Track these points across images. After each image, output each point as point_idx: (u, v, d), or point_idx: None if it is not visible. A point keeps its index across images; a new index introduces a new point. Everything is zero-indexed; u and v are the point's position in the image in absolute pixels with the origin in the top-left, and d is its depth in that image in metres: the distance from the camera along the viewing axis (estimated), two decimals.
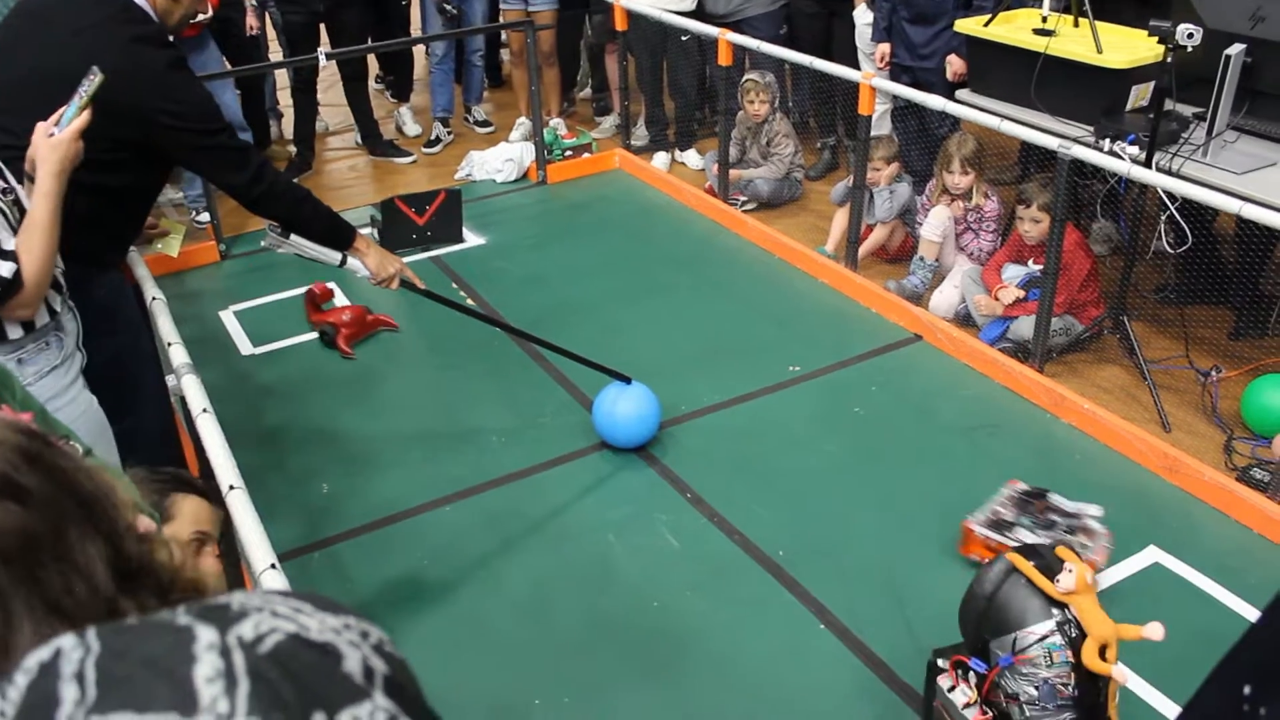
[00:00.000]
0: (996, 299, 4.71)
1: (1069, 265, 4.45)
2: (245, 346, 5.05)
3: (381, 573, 3.63)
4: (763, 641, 3.30)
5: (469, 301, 5.30)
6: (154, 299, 3.25)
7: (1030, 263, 4.70)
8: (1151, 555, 3.58)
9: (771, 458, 4.11)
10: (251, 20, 6.44)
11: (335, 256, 3.43)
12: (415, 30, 7.62)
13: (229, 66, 6.19)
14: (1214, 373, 4.37)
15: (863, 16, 6.00)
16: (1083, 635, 2.55)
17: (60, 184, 2.47)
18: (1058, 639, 2.53)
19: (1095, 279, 4.67)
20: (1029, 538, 3.39)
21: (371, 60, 7.95)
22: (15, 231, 2.46)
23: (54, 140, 2.47)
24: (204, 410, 2.61)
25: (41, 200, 2.45)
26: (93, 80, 2.51)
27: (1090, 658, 2.51)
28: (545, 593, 3.53)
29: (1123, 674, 2.52)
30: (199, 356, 3.17)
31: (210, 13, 5.68)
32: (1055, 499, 3.60)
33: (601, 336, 4.99)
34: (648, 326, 5.09)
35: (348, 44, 6.48)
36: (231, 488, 2.27)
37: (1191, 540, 3.64)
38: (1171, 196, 3.98)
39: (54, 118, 2.50)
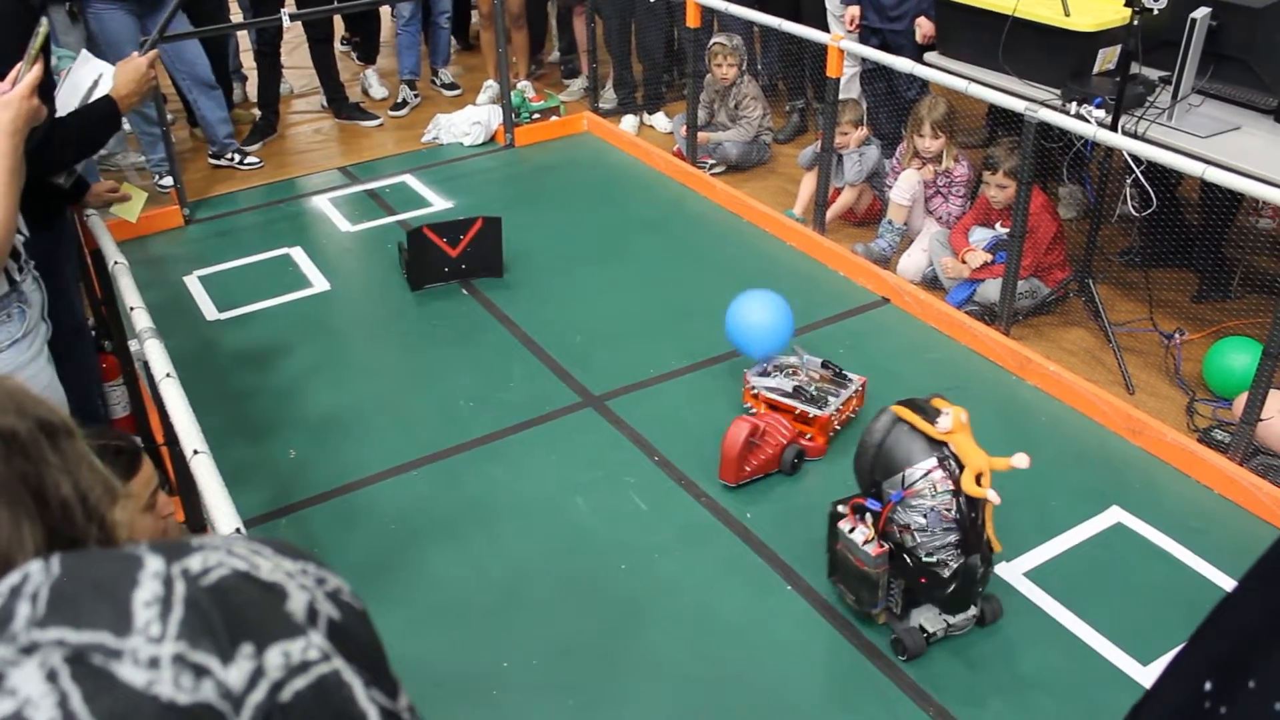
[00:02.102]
0: (964, 262, 4.73)
1: (1035, 228, 4.47)
2: (210, 312, 5.01)
3: (349, 538, 3.62)
4: (730, 603, 3.32)
5: None
6: (116, 264, 3.21)
7: (997, 226, 4.71)
8: (1114, 515, 3.62)
9: None
10: None
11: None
12: None
13: (191, 26, 6.08)
14: (1177, 335, 4.41)
15: None
16: (961, 467, 2.92)
17: (15, 143, 2.35)
18: (940, 472, 2.91)
19: (1061, 242, 4.69)
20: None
21: (338, 22, 7.85)
22: None
23: (4, 99, 2.35)
24: (167, 375, 2.58)
25: None
26: (38, 33, 2.43)
27: (968, 484, 2.89)
28: (513, 556, 3.53)
29: (995, 496, 2.89)
30: (163, 322, 3.14)
31: None
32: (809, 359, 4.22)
33: (569, 299, 4.98)
34: (616, 289, 5.08)
35: (313, 5, 6.39)
36: (196, 452, 2.26)
37: (1154, 501, 3.69)
38: (1137, 160, 4.00)
39: (10, 76, 2.43)
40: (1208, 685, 0.83)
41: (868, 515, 3.06)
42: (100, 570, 0.63)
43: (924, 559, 2.95)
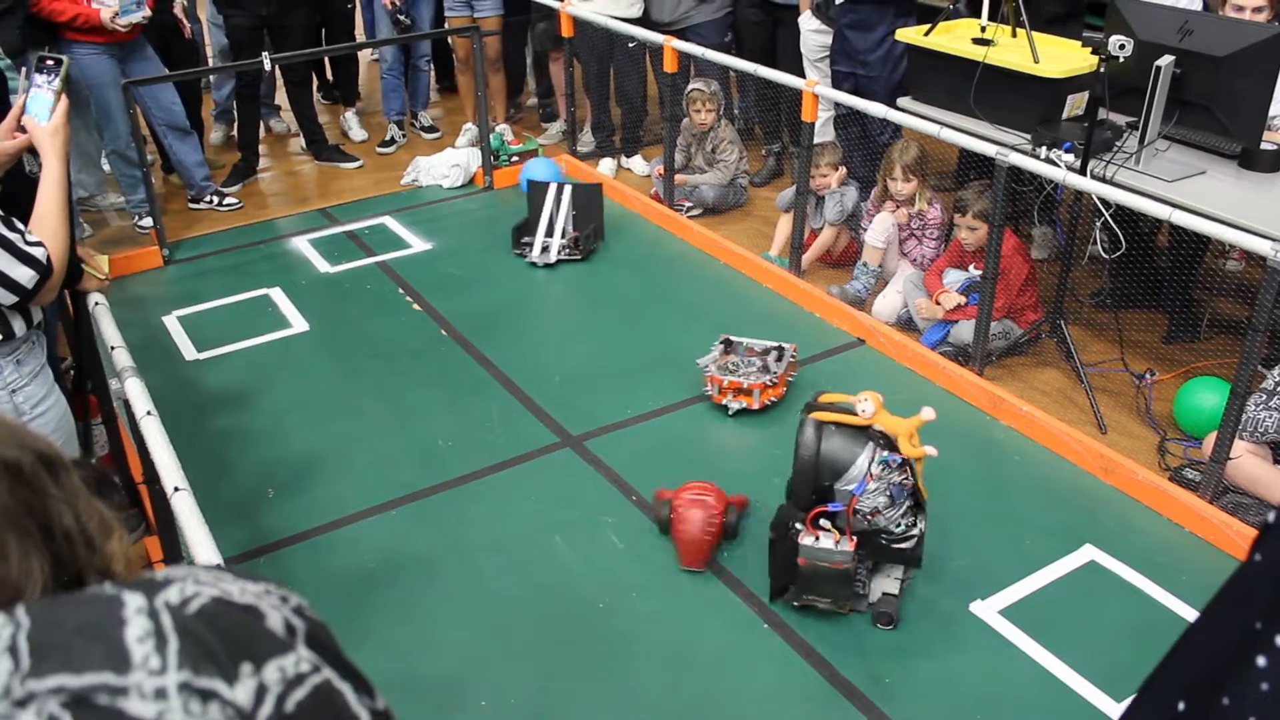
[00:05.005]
0: (938, 303, 4.78)
1: (1007, 270, 4.53)
2: (190, 352, 5.01)
3: (327, 577, 3.62)
4: (708, 642, 3.33)
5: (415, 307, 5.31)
6: (96, 304, 3.23)
7: (971, 268, 4.78)
8: (1087, 554, 3.65)
9: (715, 461, 4.14)
10: (183, 20, 6.41)
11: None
12: (360, 35, 7.60)
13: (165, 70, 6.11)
14: (1148, 375, 4.47)
15: (808, 23, 6.06)
16: (890, 441, 3.16)
17: (66, 168, 2.57)
18: (885, 452, 3.13)
19: (1033, 284, 4.76)
20: (752, 368, 4.44)
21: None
22: None
23: (51, 128, 2.55)
24: (148, 413, 2.60)
25: (55, 186, 2.54)
26: (60, 64, 2.58)
27: (909, 450, 3.14)
28: (492, 595, 3.54)
29: (932, 449, 3.14)
30: (142, 362, 3.15)
31: (149, 13, 5.60)
32: (749, 341, 4.59)
33: (547, 341, 5.01)
34: (593, 331, 5.11)
35: (291, 50, 6.43)
36: (176, 489, 2.27)
37: (1126, 539, 3.73)
38: (1106, 203, 4.07)
39: (17, 107, 2.56)
40: (1181, 705, 0.85)
41: (824, 521, 3.20)
42: (80, 615, 0.63)
43: (894, 531, 3.19)
